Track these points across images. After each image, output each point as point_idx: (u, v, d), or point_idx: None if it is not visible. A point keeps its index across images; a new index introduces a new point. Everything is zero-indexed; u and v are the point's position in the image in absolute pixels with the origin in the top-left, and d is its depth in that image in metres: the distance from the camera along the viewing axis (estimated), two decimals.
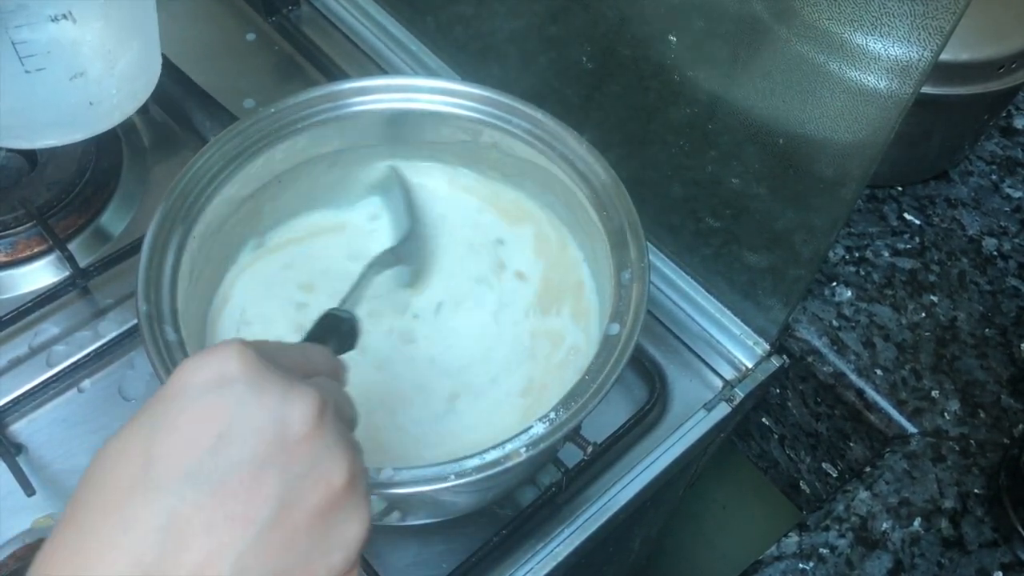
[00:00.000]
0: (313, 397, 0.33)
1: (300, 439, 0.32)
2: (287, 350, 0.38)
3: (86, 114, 0.62)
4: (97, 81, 0.61)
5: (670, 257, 0.69)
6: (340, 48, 0.82)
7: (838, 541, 0.58)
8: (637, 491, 0.60)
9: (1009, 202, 0.76)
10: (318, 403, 0.33)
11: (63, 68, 0.59)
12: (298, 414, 0.32)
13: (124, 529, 0.30)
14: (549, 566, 0.57)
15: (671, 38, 0.57)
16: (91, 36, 0.59)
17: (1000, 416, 0.64)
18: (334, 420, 0.34)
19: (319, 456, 0.33)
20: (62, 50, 0.59)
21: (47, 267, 0.67)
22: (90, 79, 0.60)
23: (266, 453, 0.31)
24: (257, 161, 0.57)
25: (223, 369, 0.33)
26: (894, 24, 0.44)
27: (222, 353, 0.33)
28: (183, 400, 0.32)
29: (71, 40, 0.59)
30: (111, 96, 0.62)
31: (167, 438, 0.31)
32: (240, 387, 0.32)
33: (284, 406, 0.32)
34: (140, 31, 0.63)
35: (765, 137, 0.55)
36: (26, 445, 0.59)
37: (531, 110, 0.59)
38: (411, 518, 0.56)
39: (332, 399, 0.34)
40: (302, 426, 0.32)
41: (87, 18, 0.59)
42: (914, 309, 0.69)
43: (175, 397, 0.32)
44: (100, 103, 0.62)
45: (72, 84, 0.60)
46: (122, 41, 0.61)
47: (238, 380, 0.32)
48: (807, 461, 0.74)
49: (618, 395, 0.64)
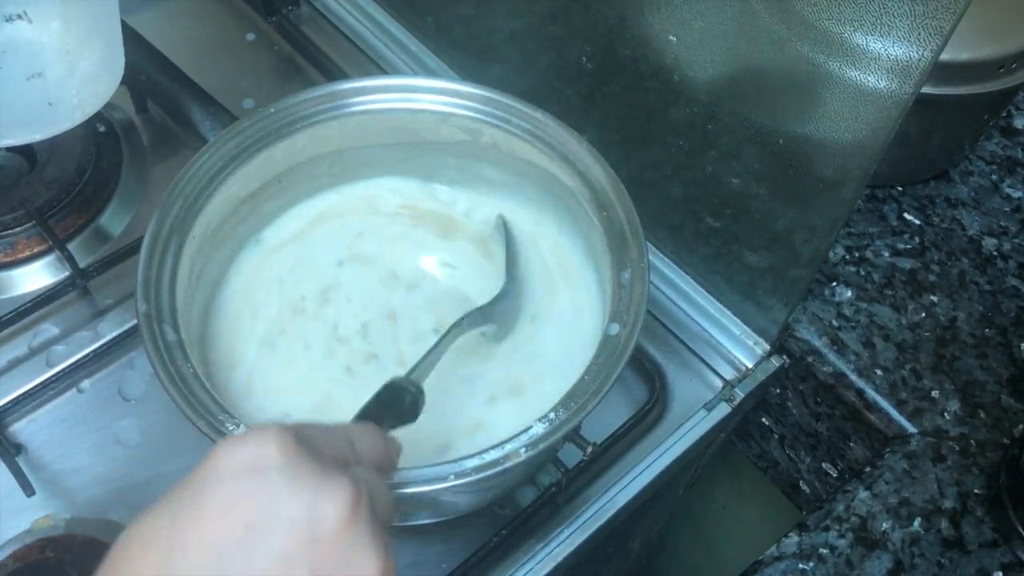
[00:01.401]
0: (348, 491, 0.32)
1: (331, 535, 0.31)
2: (331, 434, 0.36)
3: (45, 114, 0.61)
4: (56, 81, 0.60)
5: (670, 257, 0.69)
6: (340, 48, 0.82)
7: (838, 541, 0.58)
8: (637, 491, 0.60)
9: (1009, 202, 0.75)
10: (352, 498, 0.32)
11: (20, 68, 0.59)
12: (331, 509, 0.31)
13: None
14: (549, 566, 0.57)
15: (671, 38, 0.57)
16: (48, 36, 0.59)
17: (1000, 416, 0.64)
18: (368, 516, 0.32)
19: (350, 554, 0.31)
20: (18, 50, 0.58)
21: (47, 267, 0.67)
22: (49, 79, 0.60)
23: (296, 549, 0.30)
24: (257, 161, 0.57)
25: (260, 455, 0.31)
26: (894, 24, 0.44)
27: (261, 438, 0.32)
28: (213, 486, 0.31)
29: (27, 40, 0.59)
30: (71, 96, 0.61)
31: (192, 528, 0.30)
32: (274, 476, 0.31)
33: (317, 499, 0.31)
34: (101, 31, 0.62)
35: (765, 137, 0.55)
36: (26, 445, 0.59)
37: (531, 110, 0.59)
38: (411, 518, 0.56)
39: (369, 493, 0.33)
40: (334, 522, 0.31)
41: (44, 18, 0.59)
42: (914, 309, 0.69)
43: (205, 481, 0.31)
44: (60, 103, 0.61)
45: (30, 84, 0.59)
46: (82, 41, 0.60)
47: (273, 468, 0.31)
48: (807, 461, 0.74)
49: (618, 395, 0.64)
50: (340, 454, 0.36)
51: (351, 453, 0.37)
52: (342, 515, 0.31)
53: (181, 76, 0.72)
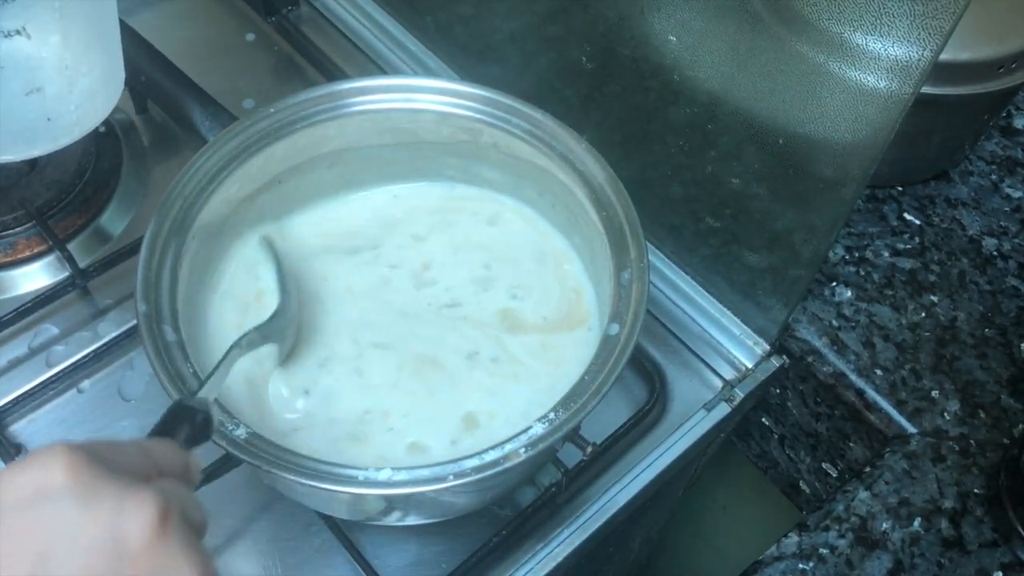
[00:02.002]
0: (152, 503, 0.30)
1: (141, 551, 0.29)
2: (123, 450, 0.34)
3: (44, 129, 0.61)
4: (55, 97, 0.60)
5: (670, 257, 0.69)
6: (340, 48, 0.82)
7: (838, 541, 0.58)
8: (637, 491, 0.60)
9: (1009, 202, 0.75)
10: (159, 510, 0.30)
11: (19, 83, 0.59)
12: (136, 524, 0.29)
13: None
14: (549, 566, 0.57)
15: (671, 38, 0.57)
16: (47, 52, 0.59)
17: (1000, 416, 0.64)
18: (179, 527, 0.31)
19: (164, 569, 0.30)
20: (16, 65, 0.58)
21: (47, 267, 0.67)
22: (47, 95, 0.60)
23: (102, 572, 0.28)
24: (257, 161, 0.57)
25: (44, 480, 0.29)
26: (894, 24, 0.44)
27: (42, 461, 0.30)
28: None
29: (26, 56, 0.59)
30: (70, 112, 0.61)
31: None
32: (66, 500, 0.29)
33: (120, 516, 0.29)
34: (101, 46, 0.62)
35: (765, 137, 0.55)
36: (26, 445, 0.59)
37: (531, 110, 0.59)
38: (411, 518, 0.56)
39: (177, 503, 0.31)
40: (142, 537, 0.29)
41: (42, 34, 0.58)
42: (914, 309, 0.69)
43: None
44: (58, 119, 0.61)
45: (28, 99, 0.59)
46: (81, 56, 0.60)
47: (63, 492, 0.29)
48: (807, 461, 0.74)
49: (618, 395, 0.64)
50: (139, 468, 0.34)
51: (151, 467, 0.35)
52: (150, 529, 0.30)
53: (181, 76, 0.71)
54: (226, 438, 0.46)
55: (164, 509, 0.30)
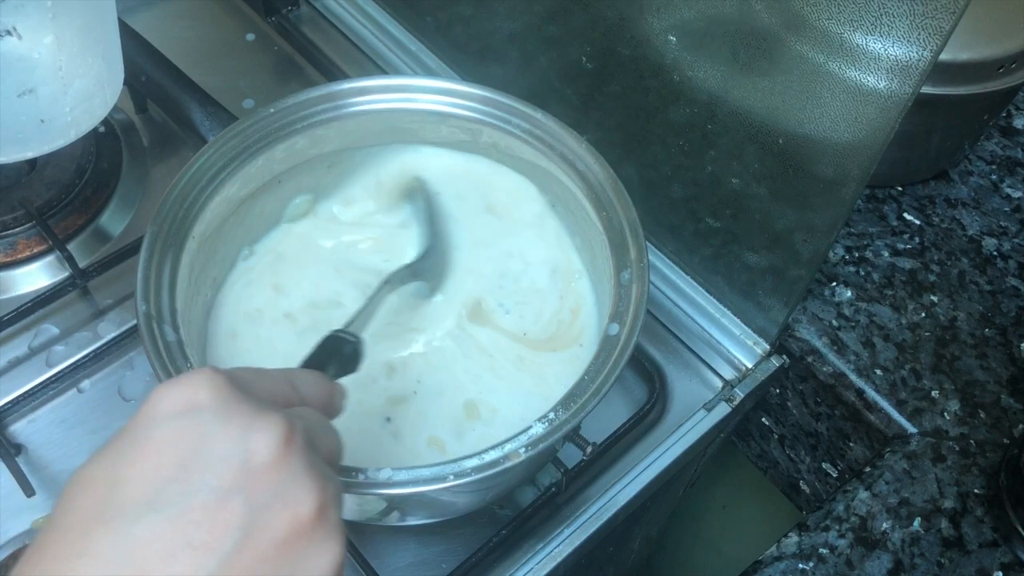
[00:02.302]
0: (278, 425, 0.33)
1: (264, 467, 0.32)
2: (267, 377, 0.37)
3: (37, 131, 0.60)
4: (50, 99, 0.60)
5: (670, 257, 0.69)
6: (339, 48, 0.82)
7: (838, 541, 0.58)
8: (637, 491, 0.60)
9: (1009, 202, 0.76)
10: (283, 431, 0.33)
11: (11, 85, 0.58)
12: (263, 443, 0.32)
13: (85, 558, 0.30)
14: (549, 566, 0.57)
15: (671, 38, 0.57)
16: (40, 53, 0.59)
17: (1000, 416, 0.64)
18: (303, 449, 0.33)
19: (285, 485, 0.32)
20: (8, 66, 0.58)
21: (47, 267, 0.67)
22: (41, 96, 0.59)
23: (230, 482, 0.31)
24: (256, 161, 0.57)
25: (192, 397, 0.33)
26: (894, 24, 0.44)
27: (192, 381, 0.33)
28: (149, 428, 0.32)
29: (18, 56, 0.58)
30: (64, 114, 0.61)
31: (131, 466, 0.31)
32: (207, 415, 0.32)
33: (248, 434, 0.32)
34: (98, 48, 0.61)
35: (765, 137, 0.55)
36: (26, 445, 0.59)
37: (531, 110, 0.59)
38: (411, 518, 0.56)
39: (304, 427, 0.34)
40: (266, 455, 0.32)
41: (35, 34, 0.58)
42: (914, 309, 0.69)
43: (141, 425, 0.32)
44: (52, 120, 0.61)
45: (21, 101, 0.59)
46: (76, 58, 0.60)
47: (205, 408, 0.32)
48: (807, 461, 0.74)
49: (618, 395, 0.64)
50: (277, 395, 0.37)
51: (292, 394, 0.38)
52: (274, 449, 0.32)
53: (181, 76, 0.71)
54: None
55: (288, 432, 0.33)
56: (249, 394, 0.34)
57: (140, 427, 0.32)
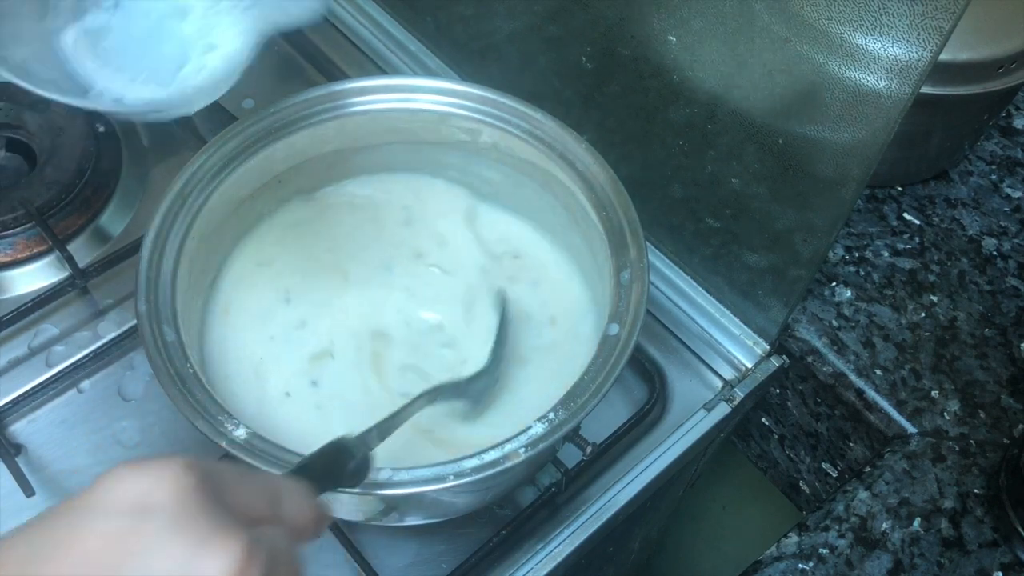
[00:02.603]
0: (235, 552, 0.28)
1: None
2: (247, 483, 0.32)
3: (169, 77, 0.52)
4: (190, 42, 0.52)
5: (670, 257, 0.69)
6: (340, 48, 0.82)
7: (838, 541, 0.58)
8: (637, 491, 0.60)
9: (1009, 202, 0.75)
10: (239, 560, 0.27)
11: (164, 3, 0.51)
12: (212, 568, 0.27)
13: None
14: (549, 566, 0.57)
15: (671, 38, 0.57)
16: None
17: (1000, 416, 0.64)
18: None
19: None
20: None
21: (47, 267, 0.67)
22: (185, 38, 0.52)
23: None
24: (256, 161, 0.57)
25: (148, 493, 0.28)
26: (894, 24, 0.44)
27: (156, 472, 0.28)
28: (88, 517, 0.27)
29: None
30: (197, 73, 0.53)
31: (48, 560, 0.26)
32: (158, 522, 0.27)
33: (197, 556, 0.27)
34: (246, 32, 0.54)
35: (765, 137, 0.55)
36: (26, 445, 0.59)
37: (531, 110, 0.59)
38: (411, 518, 0.56)
39: (266, 557, 0.29)
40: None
41: None
42: (914, 309, 0.69)
43: (81, 509, 0.27)
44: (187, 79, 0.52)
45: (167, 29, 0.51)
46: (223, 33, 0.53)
47: (158, 511, 0.27)
48: (807, 461, 0.74)
49: (618, 395, 0.64)
50: (253, 508, 0.31)
51: (269, 509, 0.32)
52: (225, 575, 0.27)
53: None
54: (226, 438, 0.46)
55: (245, 560, 0.28)
56: (218, 503, 0.29)
57: (78, 511, 0.27)
